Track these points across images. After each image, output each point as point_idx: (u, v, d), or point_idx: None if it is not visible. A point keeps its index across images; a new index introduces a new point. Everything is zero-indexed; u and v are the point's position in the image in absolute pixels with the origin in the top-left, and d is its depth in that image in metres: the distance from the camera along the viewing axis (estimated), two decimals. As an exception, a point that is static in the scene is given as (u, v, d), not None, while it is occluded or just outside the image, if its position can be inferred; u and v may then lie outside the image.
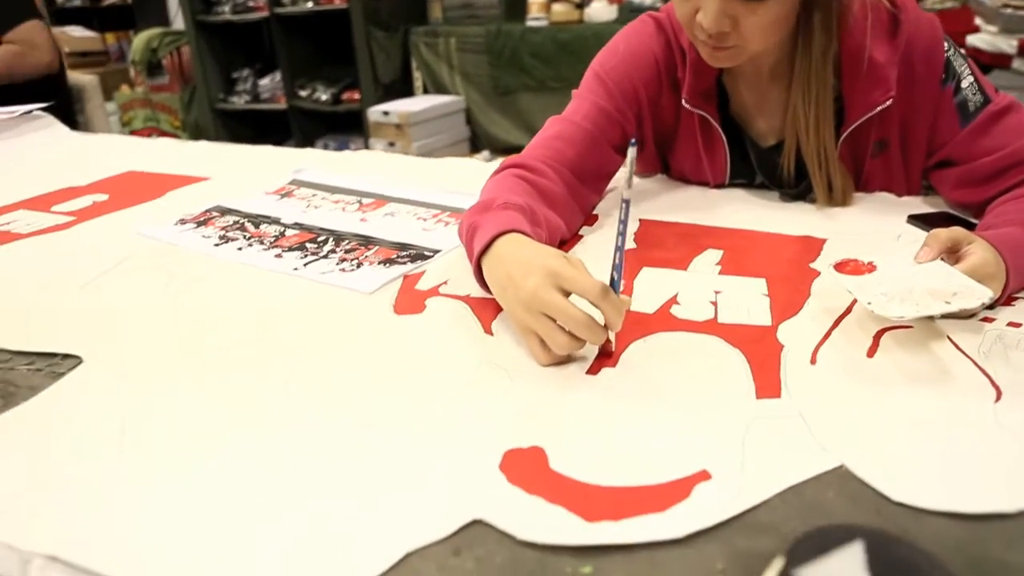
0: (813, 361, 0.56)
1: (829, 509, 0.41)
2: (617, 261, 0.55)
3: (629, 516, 0.41)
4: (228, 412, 0.53)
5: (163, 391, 0.56)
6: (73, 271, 0.80)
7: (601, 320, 0.55)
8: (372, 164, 1.22)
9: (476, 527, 0.41)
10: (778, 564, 0.29)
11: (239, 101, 3.76)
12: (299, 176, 1.11)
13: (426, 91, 3.30)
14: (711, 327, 0.62)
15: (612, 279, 0.55)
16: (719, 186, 0.98)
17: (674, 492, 0.43)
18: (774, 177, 0.93)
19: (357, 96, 3.33)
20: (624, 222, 0.53)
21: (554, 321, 0.55)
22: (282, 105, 3.60)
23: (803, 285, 0.69)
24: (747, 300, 0.66)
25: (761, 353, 0.58)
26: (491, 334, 0.62)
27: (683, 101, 0.88)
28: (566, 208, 0.81)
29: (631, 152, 0.53)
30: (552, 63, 2.86)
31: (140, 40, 3.83)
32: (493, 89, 3.04)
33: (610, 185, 0.98)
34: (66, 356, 0.62)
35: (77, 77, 2.21)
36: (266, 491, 0.44)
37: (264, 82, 3.76)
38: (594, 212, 0.91)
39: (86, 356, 0.61)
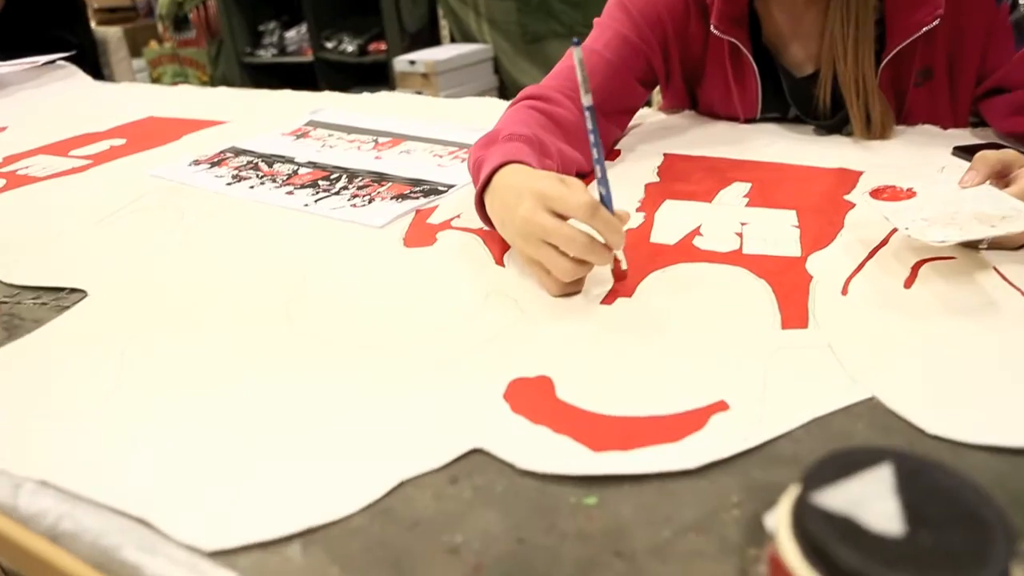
0: (844, 292, 0.53)
1: (859, 441, 0.38)
2: (600, 174, 0.51)
3: (639, 446, 0.38)
4: (229, 344, 0.51)
5: (165, 325, 0.54)
6: (85, 211, 0.79)
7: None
8: (392, 105, 1.18)
9: (476, 456, 0.39)
10: (793, 491, 0.26)
11: (266, 54, 3.72)
12: (316, 117, 1.08)
13: (453, 40, 3.22)
14: (735, 258, 0.58)
15: (600, 195, 0.51)
16: (749, 121, 0.93)
17: (688, 422, 0.40)
18: (809, 109, 0.87)
19: (383, 47, 3.27)
20: (594, 132, 0.49)
21: (555, 247, 0.52)
22: (308, 57, 3.55)
23: (836, 216, 0.65)
24: (775, 231, 0.63)
25: (788, 284, 0.54)
26: (502, 265, 0.59)
27: (712, 27, 0.83)
28: (584, 140, 0.77)
29: (577, 52, 0.48)
30: (582, 7, 2.77)
31: (167, -6, 3.80)
32: (521, 36, 2.95)
33: (634, 121, 0.93)
34: (72, 290, 0.61)
35: (101, 31, 2.19)
36: (262, 421, 0.43)
37: (290, 34, 3.71)
38: (616, 148, 0.87)
39: (91, 290, 0.60)
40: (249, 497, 0.37)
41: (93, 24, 2.42)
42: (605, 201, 0.50)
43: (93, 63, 1.96)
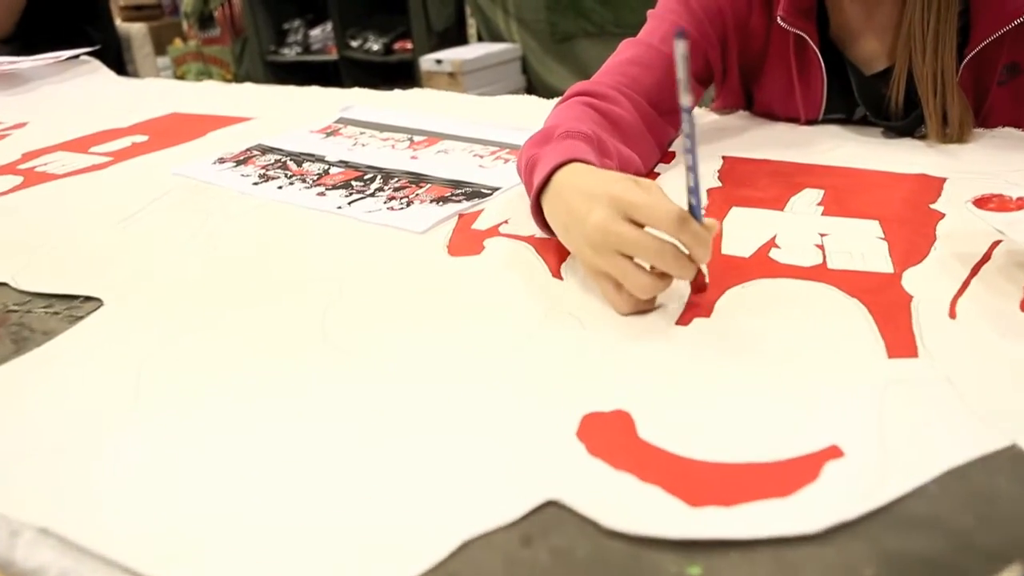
0: (952, 315, 0.46)
1: (1005, 500, 0.32)
2: (692, 183, 0.44)
3: (744, 501, 0.32)
4: (259, 363, 0.46)
5: (188, 339, 0.49)
6: (103, 212, 0.74)
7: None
8: (424, 102, 1.13)
9: (550, 510, 0.33)
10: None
11: (290, 53, 3.70)
12: (346, 114, 1.03)
13: (480, 39, 3.17)
14: (820, 273, 0.52)
15: (690, 204, 0.44)
16: (811, 122, 0.87)
17: (798, 472, 0.34)
18: (879, 109, 0.81)
19: (409, 45, 3.23)
20: (691, 136, 0.42)
21: (631, 259, 0.46)
22: (333, 56, 3.52)
23: (926, 228, 0.58)
24: (860, 244, 0.56)
25: (885, 304, 0.48)
26: (560, 278, 0.53)
27: (778, 18, 0.76)
28: (641, 141, 0.71)
29: (680, 46, 0.40)
30: (613, 5, 2.71)
31: (192, -9, 3.79)
32: (550, 35, 2.90)
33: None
34: (87, 299, 0.56)
35: (125, 27, 2.16)
36: (300, 463, 0.37)
37: (315, 33, 3.68)
38: (670, 149, 0.81)
39: (108, 299, 0.55)
40: (287, 556, 0.31)
41: (118, 21, 2.39)
42: (695, 212, 0.44)
43: (117, 59, 1.92)
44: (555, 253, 0.56)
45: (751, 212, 0.63)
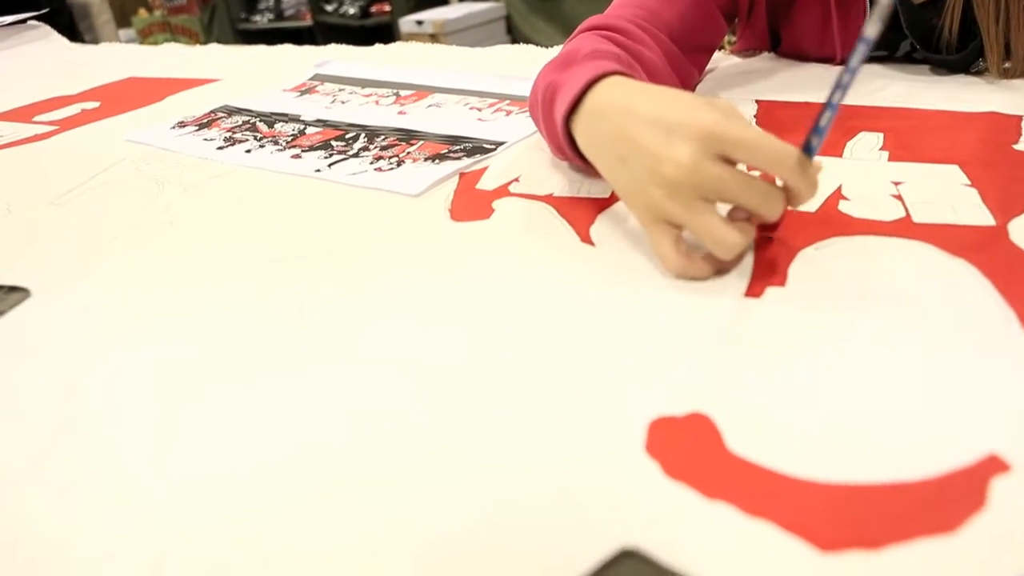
0: (1085, 272, 0.37)
1: None
2: (822, 124, 0.36)
3: (897, 541, 0.23)
4: (221, 369, 0.36)
5: (133, 337, 0.39)
6: (40, 187, 0.63)
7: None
8: (409, 56, 1.02)
9: (630, 563, 0.23)
10: None
11: (262, 20, 3.54)
12: (322, 70, 0.92)
13: (461, -1, 3.04)
14: (907, 228, 0.43)
15: (809, 144, 0.36)
16: (846, 61, 0.77)
17: (958, 495, 0.25)
18: (929, 41, 0.71)
19: (387, 7, 3.09)
20: (855, 70, 0.34)
21: (715, 208, 0.37)
22: (308, 22, 3.37)
23: (1017, 171, 0.49)
24: (946, 192, 0.47)
25: (1000, 263, 0.38)
26: (591, 243, 0.44)
27: None
28: (668, 82, 0.61)
29: None
30: (599, -39, 2.58)
31: (155, -42, 3.60)
32: (535, -7, 2.77)
33: (710, 64, 0.77)
34: (11, 289, 0.45)
35: (82, -9, 2.02)
36: (269, 485, 0.28)
37: (287, -2, 3.53)
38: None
39: (36, 289, 0.45)
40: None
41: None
42: (809, 151, 0.36)
43: (69, 27, 1.78)
44: (583, 212, 0.47)
45: (805, 160, 0.53)
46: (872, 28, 0.32)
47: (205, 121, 0.76)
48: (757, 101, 0.68)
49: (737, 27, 0.83)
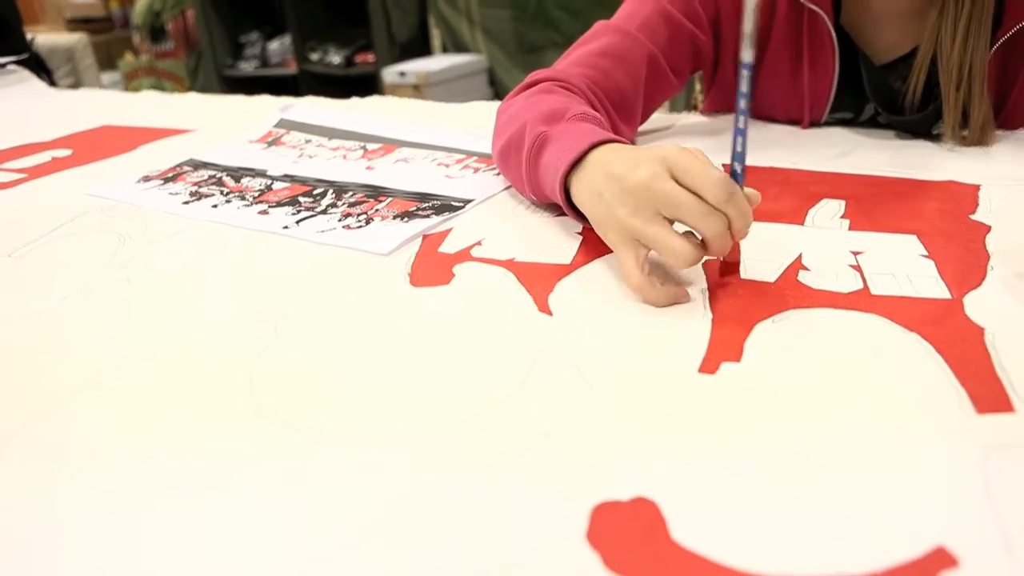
0: (1038, 351, 0.37)
1: None
2: (739, 148, 0.41)
3: (839, 648, 0.22)
4: (161, 446, 0.35)
5: (70, 406, 0.38)
6: (1, 238, 0.62)
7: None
8: (379, 108, 1.03)
9: (560, 671, 0.22)
10: None
11: (248, 67, 3.56)
12: (287, 115, 0.92)
13: (445, 50, 3.07)
14: (864, 301, 0.43)
15: (734, 171, 0.41)
16: (814, 124, 0.78)
17: (905, 594, 0.24)
18: (891, 104, 0.73)
19: (371, 58, 3.12)
20: (746, 95, 0.38)
21: (671, 225, 0.43)
22: (292, 70, 3.40)
23: (973, 243, 0.50)
24: (903, 264, 0.47)
25: (953, 339, 0.39)
26: (548, 313, 0.43)
27: None
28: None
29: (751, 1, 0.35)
30: (582, 16, 2.63)
31: (142, 3, 3.63)
32: (517, 46, 2.81)
33: (668, 122, 0.79)
34: (-47, 351, 0.44)
35: (64, 38, 2.03)
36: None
37: (273, 46, 3.55)
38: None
39: (-21, 350, 0.44)
40: None
41: (63, 34, 2.25)
42: (737, 180, 0.42)
43: (42, 72, 1.76)
44: (541, 281, 0.46)
45: (768, 227, 0.54)
46: (746, 54, 0.37)
47: (171, 175, 0.75)
48: (723, 164, 0.69)
49: (704, 87, 0.84)
